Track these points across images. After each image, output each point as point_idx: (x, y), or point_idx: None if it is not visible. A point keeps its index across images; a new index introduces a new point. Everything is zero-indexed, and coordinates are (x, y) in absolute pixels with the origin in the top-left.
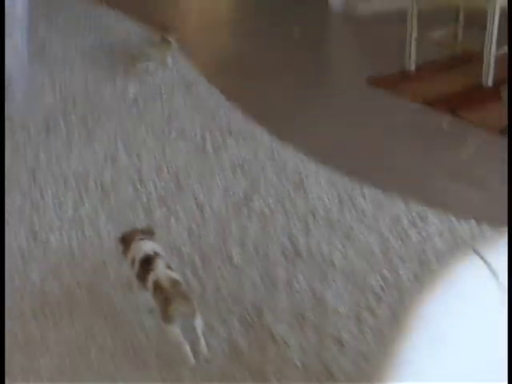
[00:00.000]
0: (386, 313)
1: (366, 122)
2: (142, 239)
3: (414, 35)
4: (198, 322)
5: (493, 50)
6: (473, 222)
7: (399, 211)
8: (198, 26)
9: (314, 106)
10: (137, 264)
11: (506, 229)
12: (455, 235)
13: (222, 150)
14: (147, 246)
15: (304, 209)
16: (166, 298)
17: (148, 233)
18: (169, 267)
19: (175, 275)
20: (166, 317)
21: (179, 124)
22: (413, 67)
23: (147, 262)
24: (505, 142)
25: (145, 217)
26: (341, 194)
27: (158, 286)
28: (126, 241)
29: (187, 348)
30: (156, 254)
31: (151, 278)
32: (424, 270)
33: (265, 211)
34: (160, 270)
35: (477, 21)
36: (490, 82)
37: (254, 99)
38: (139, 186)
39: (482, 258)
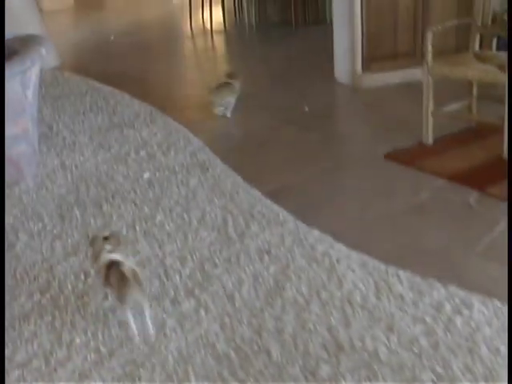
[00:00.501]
0: None
1: (389, 200)
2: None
3: (431, 109)
4: (147, 310)
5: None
6: None
7: (440, 297)
8: (204, 103)
9: (333, 186)
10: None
11: None
12: (503, 321)
13: (246, 234)
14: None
15: (340, 296)
16: (126, 282)
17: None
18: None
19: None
20: (122, 298)
21: (198, 208)
22: (430, 141)
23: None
24: None
25: (173, 309)
26: (376, 280)
27: (120, 271)
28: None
29: (134, 327)
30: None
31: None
32: (476, 360)
33: (299, 300)
34: (124, 262)
35: (490, 93)
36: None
37: (270, 179)
38: (165, 280)
39: None
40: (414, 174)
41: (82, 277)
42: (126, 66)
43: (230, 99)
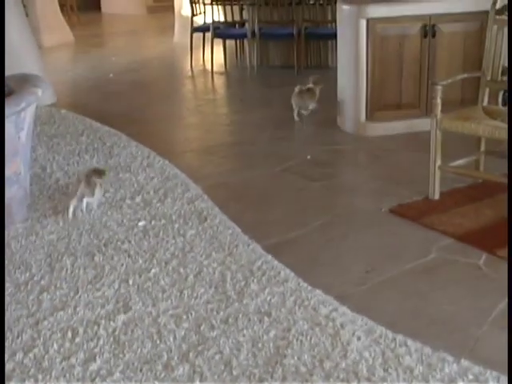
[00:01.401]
0: None
1: (395, 259)
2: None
3: (438, 164)
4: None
5: None
6: None
7: (452, 372)
8: (204, 147)
9: (336, 242)
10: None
11: None
12: None
13: (245, 293)
14: None
15: (345, 367)
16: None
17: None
18: None
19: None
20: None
21: (195, 261)
22: (437, 196)
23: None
24: None
25: (165, 375)
26: (383, 349)
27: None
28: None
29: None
30: None
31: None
32: None
33: (301, 370)
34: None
35: (499, 148)
36: None
37: (271, 231)
38: (158, 341)
39: None
40: (421, 232)
41: (70, 334)
42: (124, 106)
43: (312, 104)
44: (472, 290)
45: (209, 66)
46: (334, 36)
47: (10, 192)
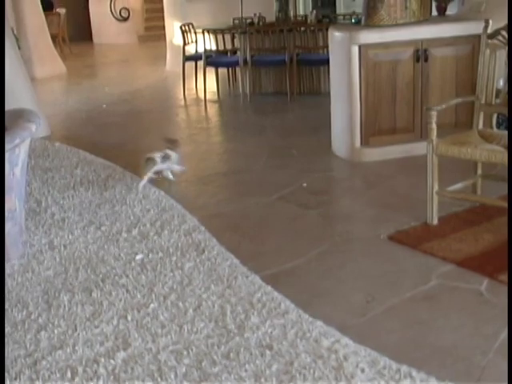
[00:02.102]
0: None
1: (396, 287)
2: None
3: (435, 189)
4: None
5: None
6: None
7: None
8: (199, 177)
9: (336, 270)
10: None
11: None
12: None
13: (246, 326)
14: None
15: None
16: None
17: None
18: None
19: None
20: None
21: (194, 295)
22: (435, 221)
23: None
24: None
25: None
26: (388, 381)
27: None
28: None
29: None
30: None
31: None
32: None
33: None
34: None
35: (495, 172)
36: None
37: (269, 262)
38: (159, 379)
39: None
40: (420, 258)
41: (69, 374)
42: (118, 137)
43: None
44: (474, 316)
45: (201, 95)
46: (326, 62)
47: (4, 229)
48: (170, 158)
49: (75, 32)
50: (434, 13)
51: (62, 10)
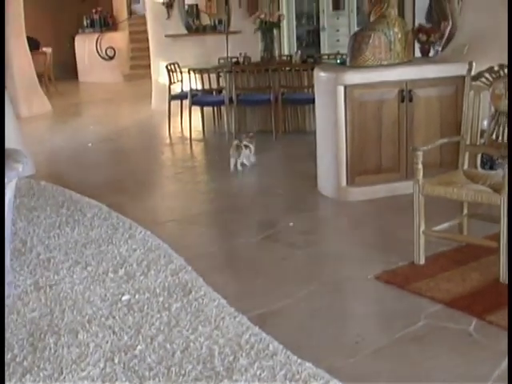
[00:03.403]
0: None
1: (384, 328)
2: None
3: (422, 228)
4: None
5: (504, 244)
6: None
7: None
8: (185, 216)
9: (323, 311)
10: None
11: None
12: None
13: (235, 368)
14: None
15: None
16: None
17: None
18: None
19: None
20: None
21: (181, 336)
22: (422, 261)
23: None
24: None
25: None
26: None
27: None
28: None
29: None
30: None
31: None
32: None
33: None
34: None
35: (480, 211)
36: (506, 279)
37: (256, 302)
38: None
39: None
40: (409, 299)
41: None
42: (103, 175)
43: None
44: (464, 357)
45: (187, 133)
46: (312, 101)
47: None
48: (249, 148)
49: (61, 71)
50: (418, 54)
51: (48, 50)
